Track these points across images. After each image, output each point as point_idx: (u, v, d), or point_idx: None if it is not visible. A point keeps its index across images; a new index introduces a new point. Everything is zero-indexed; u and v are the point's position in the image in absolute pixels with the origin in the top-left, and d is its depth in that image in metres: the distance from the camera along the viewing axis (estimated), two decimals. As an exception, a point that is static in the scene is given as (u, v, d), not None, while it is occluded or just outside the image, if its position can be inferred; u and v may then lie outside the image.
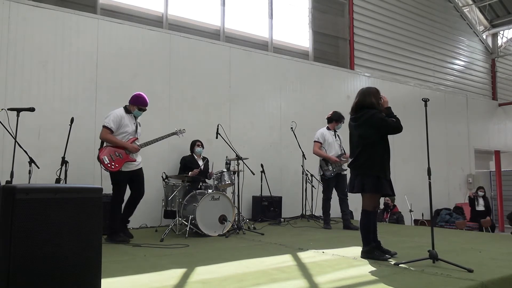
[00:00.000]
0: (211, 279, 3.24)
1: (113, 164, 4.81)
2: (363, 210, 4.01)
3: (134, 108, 5.07)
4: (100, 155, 4.83)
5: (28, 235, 2.13)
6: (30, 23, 6.06)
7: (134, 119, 5.11)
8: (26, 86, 5.96)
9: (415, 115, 9.62)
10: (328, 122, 6.72)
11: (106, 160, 4.80)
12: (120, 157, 4.87)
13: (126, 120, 5.00)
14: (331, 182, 6.44)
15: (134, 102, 5.07)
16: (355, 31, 10.24)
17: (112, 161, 4.82)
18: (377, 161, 3.93)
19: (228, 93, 7.85)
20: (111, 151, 4.85)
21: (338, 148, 6.52)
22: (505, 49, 15.11)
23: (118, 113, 4.99)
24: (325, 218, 6.50)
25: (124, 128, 4.97)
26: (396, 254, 4.02)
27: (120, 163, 4.86)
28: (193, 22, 7.90)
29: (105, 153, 4.82)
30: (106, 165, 4.80)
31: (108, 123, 4.90)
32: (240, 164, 6.01)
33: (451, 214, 10.93)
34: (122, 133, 4.95)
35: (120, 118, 4.95)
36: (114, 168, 4.80)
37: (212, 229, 5.46)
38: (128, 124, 5.00)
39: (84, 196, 2.43)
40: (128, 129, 4.98)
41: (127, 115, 5.04)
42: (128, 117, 5.04)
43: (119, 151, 4.88)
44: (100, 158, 4.81)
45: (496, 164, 14.48)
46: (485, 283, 3.09)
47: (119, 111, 5.02)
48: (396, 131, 3.96)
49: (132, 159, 4.95)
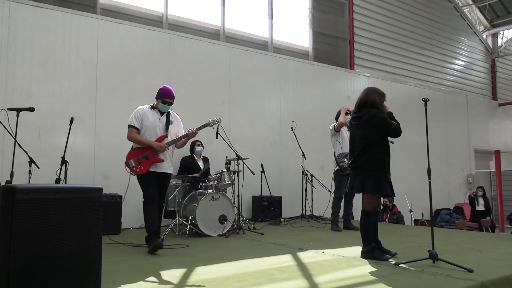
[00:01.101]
0: (211, 279, 3.24)
1: (139, 167, 4.48)
2: (363, 211, 4.01)
3: (158, 102, 4.66)
4: (127, 159, 4.52)
5: (28, 235, 2.14)
6: (30, 23, 6.06)
7: (159, 114, 4.68)
8: (26, 86, 5.97)
9: (415, 115, 9.65)
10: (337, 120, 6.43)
11: (132, 164, 4.49)
12: (147, 159, 4.51)
13: (148, 115, 4.63)
14: (344, 180, 6.03)
15: (158, 95, 4.70)
16: (355, 31, 10.24)
17: (138, 163, 4.49)
18: (378, 161, 3.92)
19: (228, 93, 7.85)
20: (138, 152, 4.51)
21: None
22: (505, 49, 15.11)
23: (139, 109, 4.66)
24: (334, 218, 6.22)
25: (145, 122, 4.59)
26: (397, 254, 4.02)
27: (146, 165, 4.51)
28: (193, 22, 7.91)
29: (131, 156, 4.53)
30: (132, 169, 4.49)
31: (130, 121, 4.60)
32: (240, 164, 6.00)
33: (451, 214, 10.93)
34: (143, 130, 4.58)
35: (142, 114, 4.61)
36: (140, 171, 4.48)
37: (212, 229, 5.46)
38: (150, 119, 4.60)
39: (84, 196, 2.43)
40: (147, 123, 4.58)
41: (151, 110, 4.67)
42: (152, 112, 4.66)
43: (146, 152, 4.50)
44: (127, 162, 4.51)
45: (496, 164, 14.48)
46: (485, 283, 3.08)
47: (142, 107, 4.70)
48: (395, 134, 3.95)
49: (159, 159, 4.55)
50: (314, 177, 7.59)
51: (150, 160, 4.50)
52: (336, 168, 6.22)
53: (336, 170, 6.24)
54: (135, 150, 4.55)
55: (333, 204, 6.28)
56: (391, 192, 4.01)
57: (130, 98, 6.66)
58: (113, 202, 5.69)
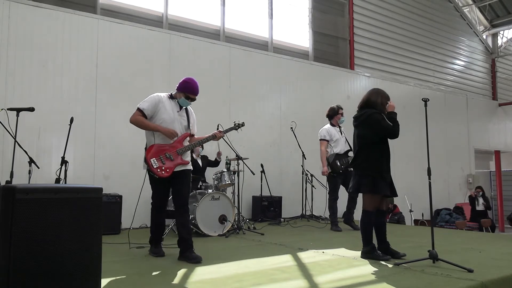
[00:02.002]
0: (211, 279, 3.24)
1: (163, 169, 3.87)
2: (364, 210, 4.01)
3: (180, 96, 4.09)
4: (148, 157, 3.88)
5: (28, 235, 2.14)
6: (30, 23, 6.06)
7: (178, 107, 4.11)
8: (26, 86, 5.97)
9: (415, 115, 9.65)
10: (329, 119, 6.53)
11: (155, 164, 3.85)
12: (171, 159, 3.93)
13: (166, 105, 4.02)
14: (338, 181, 6.21)
15: (181, 88, 4.10)
16: (355, 31, 10.24)
17: (162, 164, 3.88)
18: (373, 162, 3.93)
19: (228, 93, 7.85)
20: (160, 151, 3.91)
21: (344, 145, 6.30)
22: (505, 49, 15.11)
23: (157, 96, 4.05)
24: (333, 219, 6.27)
25: (161, 114, 3.97)
26: (405, 256, 3.97)
27: (171, 167, 3.92)
28: (193, 22, 7.91)
29: (153, 154, 3.88)
30: (156, 170, 3.84)
31: (141, 105, 3.98)
32: (240, 164, 6.00)
33: (451, 214, 10.93)
34: (157, 121, 3.98)
35: (158, 101, 3.99)
36: (165, 174, 3.88)
37: (212, 229, 5.46)
38: (168, 111, 4.00)
39: (84, 196, 2.43)
40: (165, 116, 3.97)
41: (170, 100, 4.07)
42: (170, 103, 4.06)
43: (170, 151, 3.93)
44: (148, 161, 3.86)
45: (496, 164, 14.48)
46: (485, 283, 3.08)
47: (160, 94, 4.09)
48: (391, 135, 3.94)
49: (185, 161, 4.02)
50: (314, 177, 7.59)
51: (175, 161, 3.95)
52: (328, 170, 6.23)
53: (328, 172, 6.25)
54: (158, 147, 3.92)
55: (330, 206, 6.31)
56: (391, 192, 4.01)
57: (130, 98, 6.64)
58: (113, 202, 5.69)
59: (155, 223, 4.18)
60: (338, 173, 6.15)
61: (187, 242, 3.92)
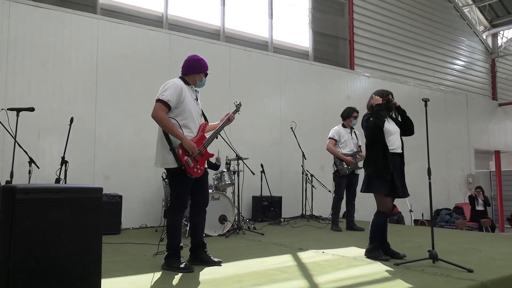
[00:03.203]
0: (211, 279, 3.24)
1: (198, 168, 3.51)
2: (377, 210, 4.06)
3: (200, 78, 3.73)
4: (181, 156, 3.40)
5: (28, 235, 2.13)
6: (30, 23, 6.05)
7: (194, 94, 3.69)
8: (26, 86, 5.96)
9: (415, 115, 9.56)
10: (342, 119, 6.45)
11: (190, 163, 3.44)
12: (201, 155, 3.55)
13: (187, 93, 3.56)
14: (344, 181, 6.19)
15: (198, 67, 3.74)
16: (355, 31, 10.24)
17: (196, 162, 3.49)
18: (372, 161, 4.04)
19: (228, 93, 7.84)
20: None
21: (353, 146, 6.27)
22: (505, 49, 15.11)
23: (177, 82, 3.57)
24: (334, 219, 6.25)
25: (186, 105, 3.50)
26: (405, 256, 3.98)
27: (202, 164, 3.57)
28: (193, 22, 7.90)
29: (185, 153, 3.45)
30: (192, 171, 3.44)
31: (163, 95, 3.42)
32: (240, 164, 6.00)
33: (451, 214, 10.93)
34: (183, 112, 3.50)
35: (180, 89, 3.51)
36: (201, 173, 3.53)
37: (212, 229, 5.46)
38: (190, 100, 3.57)
39: (84, 196, 2.43)
40: (190, 106, 3.54)
41: (187, 86, 3.63)
42: (188, 90, 3.60)
43: (199, 146, 3.54)
44: (184, 161, 3.40)
45: (496, 164, 14.48)
46: (485, 283, 3.09)
47: (176, 81, 3.59)
48: (376, 129, 3.99)
49: (211, 154, 3.71)
50: (314, 177, 7.59)
51: (205, 157, 3.60)
52: (334, 170, 6.26)
53: (334, 171, 6.29)
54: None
55: (333, 204, 6.31)
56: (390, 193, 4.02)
57: (130, 98, 6.67)
58: (113, 202, 5.68)
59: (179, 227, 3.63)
60: (344, 174, 6.17)
61: (205, 245, 3.67)
